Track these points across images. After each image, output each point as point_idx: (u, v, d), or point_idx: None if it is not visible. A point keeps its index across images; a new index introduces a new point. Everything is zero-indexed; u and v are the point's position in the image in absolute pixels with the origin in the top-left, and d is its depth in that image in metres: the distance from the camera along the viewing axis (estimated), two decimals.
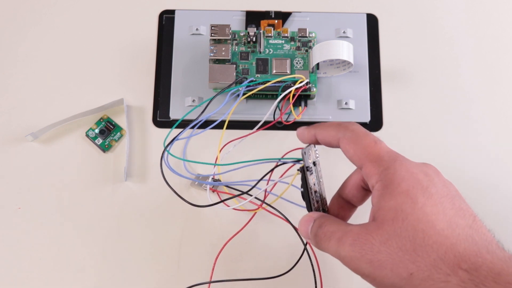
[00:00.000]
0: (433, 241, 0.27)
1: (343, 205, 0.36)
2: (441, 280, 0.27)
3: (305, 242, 0.41)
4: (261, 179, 0.38)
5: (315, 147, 0.35)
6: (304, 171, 0.34)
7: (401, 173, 0.30)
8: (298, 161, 0.36)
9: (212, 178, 0.45)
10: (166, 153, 0.42)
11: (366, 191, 0.35)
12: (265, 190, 0.42)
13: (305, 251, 0.42)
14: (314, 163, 0.35)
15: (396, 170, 0.30)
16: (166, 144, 0.42)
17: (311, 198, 0.35)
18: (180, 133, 0.44)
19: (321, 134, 0.35)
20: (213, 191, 0.45)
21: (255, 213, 0.44)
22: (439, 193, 0.29)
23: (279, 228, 0.44)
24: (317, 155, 0.35)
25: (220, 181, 0.46)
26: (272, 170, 0.38)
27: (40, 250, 0.45)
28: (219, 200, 0.45)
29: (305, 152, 0.34)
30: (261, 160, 0.38)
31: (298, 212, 0.42)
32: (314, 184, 0.35)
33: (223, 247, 0.44)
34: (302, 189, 0.35)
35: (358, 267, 0.29)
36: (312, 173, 0.34)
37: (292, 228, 0.41)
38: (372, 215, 0.30)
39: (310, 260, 0.42)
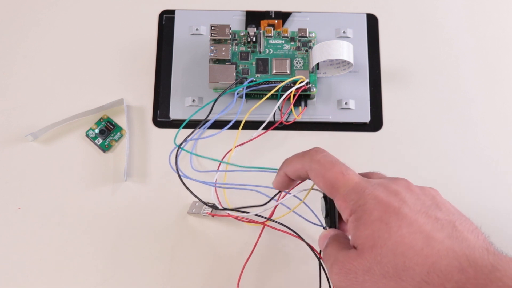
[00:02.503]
0: (414, 263, 0.27)
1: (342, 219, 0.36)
2: None
3: (318, 257, 0.40)
4: (272, 198, 0.38)
5: None
6: None
7: (371, 204, 0.30)
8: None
9: (210, 204, 0.43)
10: (175, 153, 0.42)
11: None
12: (275, 207, 0.41)
13: (321, 267, 0.41)
14: None
15: (366, 201, 0.30)
16: (179, 144, 0.42)
17: (335, 212, 0.35)
18: (191, 133, 0.44)
19: (289, 170, 0.34)
20: (213, 216, 0.45)
21: (263, 228, 0.44)
22: (413, 210, 0.29)
23: (290, 241, 0.44)
24: None
25: (216, 206, 0.44)
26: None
27: (40, 250, 0.45)
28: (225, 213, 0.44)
29: None
30: (272, 169, 0.38)
31: (305, 223, 0.42)
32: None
33: (241, 274, 0.43)
34: (327, 206, 0.35)
35: None
36: None
37: (301, 240, 0.40)
38: (351, 243, 0.30)
39: (327, 276, 0.39)
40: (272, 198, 0.38)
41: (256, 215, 0.39)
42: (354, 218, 0.30)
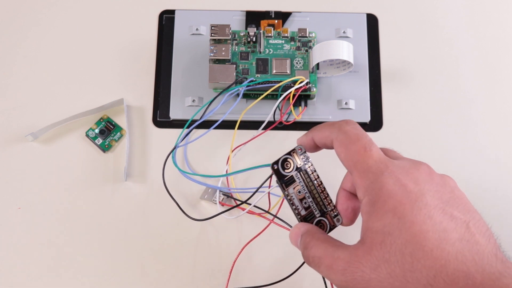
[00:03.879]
0: (422, 265, 0.27)
1: (350, 197, 0.35)
2: None
3: None
4: (258, 188, 0.37)
5: (301, 150, 0.34)
6: (280, 184, 0.33)
7: (388, 187, 0.29)
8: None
9: (222, 192, 0.45)
10: (172, 158, 0.42)
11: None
12: (269, 193, 0.41)
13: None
14: (299, 169, 0.34)
15: (383, 185, 0.29)
16: (168, 153, 0.42)
17: (293, 208, 0.34)
18: (183, 135, 0.44)
19: (317, 135, 0.34)
20: (222, 205, 0.45)
21: (269, 224, 0.43)
22: (429, 205, 0.28)
23: (285, 233, 0.43)
24: (305, 161, 0.34)
25: (230, 195, 0.45)
26: (270, 176, 0.37)
27: (40, 250, 0.45)
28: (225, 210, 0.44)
29: (279, 165, 0.33)
30: (259, 167, 0.38)
31: None
32: (299, 192, 0.34)
33: (235, 260, 0.43)
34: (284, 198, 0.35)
35: None
36: (294, 181, 0.34)
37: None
38: (361, 234, 0.30)
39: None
40: (254, 193, 0.37)
41: (260, 208, 0.39)
42: (368, 200, 0.29)
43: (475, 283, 0.26)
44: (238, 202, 0.44)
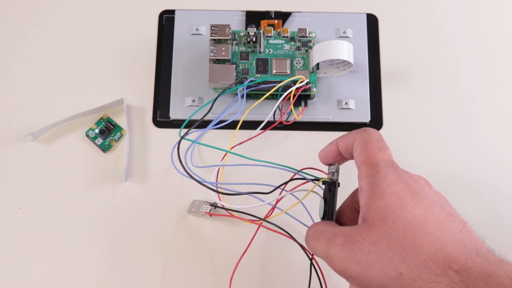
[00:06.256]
0: (423, 241, 0.28)
1: (346, 219, 0.36)
2: (431, 280, 0.27)
3: (310, 258, 0.40)
4: (277, 188, 0.38)
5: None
6: (335, 186, 0.35)
7: (391, 178, 0.30)
8: (315, 179, 0.36)
9: (209, 203, 0.44)
10: (178, 145, 0.41)
11: (358, 213, 0.35)
12: (276, 201, 0.41)
13: (312, 268, 0.41)
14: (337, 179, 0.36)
15: (387, 175, 0.30)
16: (182, 134, 0.41)
17: (334, 209, 0.35)
18: (193, 125, 0.43)
19: (341, 140, 0.35)
20: (211, 215, 0.45)
21: (258, 228, 0.43)
22: (429, 199, 0.30)
23: (284, 242, 0.43)
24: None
25: (216, 205, 0.44)
26: (286, 182, 0.38)
27: (40, 250, 0.45)
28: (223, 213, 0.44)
29: (338, 168, 0.35)
30: (280, 166, 0.38)
31: (299, 224, 0.42)
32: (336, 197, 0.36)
33: (234, 271, 0.43)
34: (325, 208, 0.35)
35: (345, 268, 0.29)
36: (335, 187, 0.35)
37: (295, 242, 0.40)
38: (361, 216, 0.31)
39: (318, 277, 0.41)
40: (278, 187, 0.38)
41: (252, 215, 0.40)
42: (369, 186, 0.30)
43: (475, 263, 0.26)
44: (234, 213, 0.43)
